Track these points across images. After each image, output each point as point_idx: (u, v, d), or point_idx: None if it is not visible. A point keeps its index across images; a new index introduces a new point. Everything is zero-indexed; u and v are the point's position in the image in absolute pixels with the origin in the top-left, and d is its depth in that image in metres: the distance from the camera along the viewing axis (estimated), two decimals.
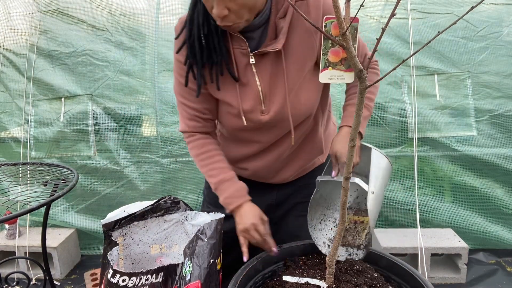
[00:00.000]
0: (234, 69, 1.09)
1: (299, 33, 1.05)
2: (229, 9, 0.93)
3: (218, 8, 0.93)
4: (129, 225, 1.20)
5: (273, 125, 1.15)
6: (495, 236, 2.45)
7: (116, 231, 1.18)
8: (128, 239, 1.21)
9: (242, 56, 1.08)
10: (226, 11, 0.93)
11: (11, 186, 1.50)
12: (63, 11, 2.59)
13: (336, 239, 0.92)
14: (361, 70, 0.67)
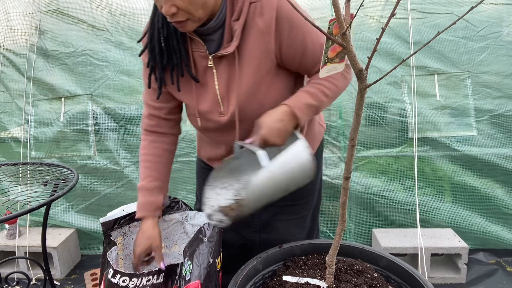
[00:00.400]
0: (193, 71, 1.11)
1: (253, 35, 1.04)
2: (177, 6, 0.94)
3: (166, 6, 0.94)
4: (128, 225, 1.21)
5: (234, 126, 1.15)
6: (495, 236, 2.45)
7: (115, 231, 1.18)
8: (128, 239, 1.21)
9: (201, 58, 1.10)
10: (174, 8, 0.94)
11: (11, 186, 1.50)
12: (63, 11, 2.59)
13: (336, 239, 0.92)
14: (361, 69, 0.67)
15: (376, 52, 0.65)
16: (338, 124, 2.49)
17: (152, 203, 1.18)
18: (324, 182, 2.52)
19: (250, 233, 1.33)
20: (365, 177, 2.52)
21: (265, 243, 1.29)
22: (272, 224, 1.31)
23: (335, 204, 2.55)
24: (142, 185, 1.20)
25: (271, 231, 1.31)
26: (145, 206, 1.17)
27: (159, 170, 1.23)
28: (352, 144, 0.76)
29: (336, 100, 2.47)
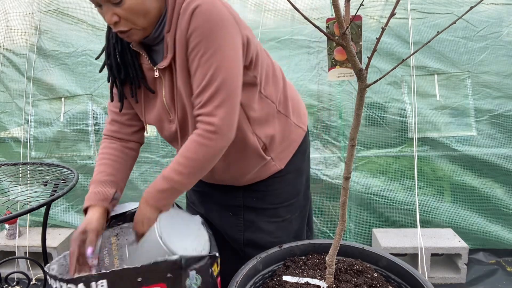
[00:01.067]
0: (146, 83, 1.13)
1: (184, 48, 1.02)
2: (118, 15, 0.96)
3: (108, 15, 0.96)
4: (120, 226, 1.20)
5: (185, 133, 1.16)
6: (495, 236, 2.45)
7: (107, 231, 1.17)
8: (121, 239, 1.21)
9: (149, 70, 1.12)
10: (116, 17, 0.96)
11: (11, 186, 1.51)
12: (63, 11, 2.59)
13: (336, 239, 0.92)
14: (361, 69, 0.67)
15: (376, 52, 0.65)
16: (338, 124, 2.50)
17: (100, 192, 1.13)
18: (324, 182, 2.52)
19: (235, 232, 1.32)
20: (365, 177, 2.52)
21: (249, 243, 1.29)
22: (256, 224, 1.29)
23: (335, 204, 2.55)
24: (93, 179, 1.17)
25: (255, 231, 1.29)
26: (92, 196, 1.13)
27: (114, 167, 1.19)
28: (352, 144, 0.77)
29: (336, 100, 2.48)
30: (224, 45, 0.96)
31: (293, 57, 2.50)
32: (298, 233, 1.37)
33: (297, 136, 1.30)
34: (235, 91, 1.00)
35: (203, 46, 0.96)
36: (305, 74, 2.48)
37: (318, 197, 2.56)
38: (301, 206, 1.37)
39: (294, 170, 1.30)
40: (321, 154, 2.54)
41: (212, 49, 0.95)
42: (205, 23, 0.95)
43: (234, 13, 1.03)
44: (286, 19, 2.51)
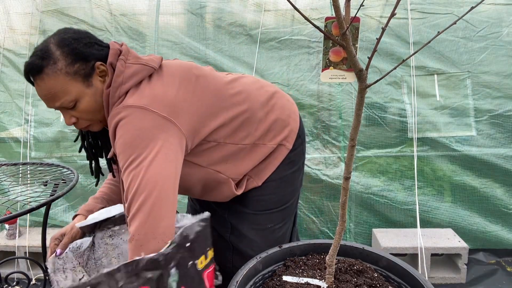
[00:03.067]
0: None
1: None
2: (75, 117, 1.04)
3: (66, 118, 1.05)
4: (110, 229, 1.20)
5: None
6: (495, 236, 2.45)
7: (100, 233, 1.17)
8: (116, 238, 1.21)
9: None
10: (74, 119, 1.05)
11: (11, 186, 1.50)
12: (63, 11, 2.59)
13: (336, 239, 0.92)
14: (361, 69, 0.67)
15: (376, 52, 0.65)
16: (338, 124, 2.50)
17: (89, 204, 1.28)
18: (324, 182, 2.52)
19: (223, 231, 1.31)
20: (365, 177, 2.52)
21: (234, 246, 1.28)
22: (239, 229, 1.28)
23: (335, 204, 2.55)
24: (92, 196, 1.33)
25: (239, 235, 1.28)
26: (82, 206, 1.29)
27: (112, 190, 1.34)
28: (352, 144, 0.77)
29: (336, 100, 2.49)
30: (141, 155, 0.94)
31: (293, 57, 2.50)
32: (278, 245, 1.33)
33: (279, 154, 1.25)
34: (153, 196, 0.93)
35: (122, 158, 0.97)
36: (305, 74, 2.48)
37: (318, 197, 2.56)
38: (286, 217, 1.32)
39: (277, 179, 1.26)
40: (321, 154, 2.54)
41: (128, 161, 0.95)
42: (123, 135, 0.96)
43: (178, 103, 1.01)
44: (286, 19, 2.51)
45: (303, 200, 2.56)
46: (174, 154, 0.99)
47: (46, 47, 1.00)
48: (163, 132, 0.98)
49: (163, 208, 0.93)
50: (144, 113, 0.97)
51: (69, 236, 1.19)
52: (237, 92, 1.17)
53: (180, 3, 2.57)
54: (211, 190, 1.23)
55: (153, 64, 1.05)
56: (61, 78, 0.99)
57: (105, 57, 1.05)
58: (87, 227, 1.18)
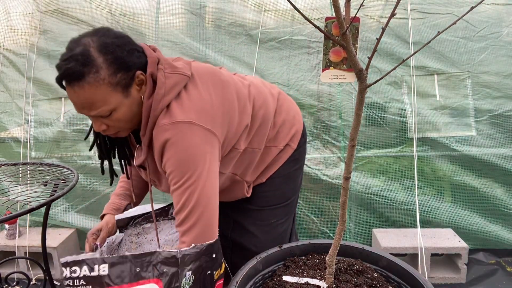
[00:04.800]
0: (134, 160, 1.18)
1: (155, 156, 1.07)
2: (106, 124, 1.01)
3: (96, 124, 1.01)
4: (142, 226, 1.22)
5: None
6: (495, 236, 2.45)
7: (130, 229, 1.19)
8: (141, 237, 1.23)
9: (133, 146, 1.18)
10: (104, 126, 1.02)
11: (11, 186, 1.50)
12: (63, 11, 2.59)
13: (336, 239, 0.92)
14: (361, 69, 0.67)
15: (376, 52, 0.65)
16: (338, 124, 2.50)
17: (115, 203, 1.30)
18: (324, 182, 2.52)
19: (225, 228, 1.33)
20: (365, 177, 2.52)
21: (235, 243, 1.30)
22: (243, 225, 1.30)
23: (335, 204, 2.55)
24: (114, 192, 1.35)
25: (241, 231, 1.30)
26: (108, 206, 1.30)
27: (134, 186, 1.34)
28: (352, 144, 0.77)
29: (336, 100, 2.48)
30: (195, 172, 1.00)
31: (293, 57, 2.50)
32: (280, 240, 1.35)
33: (284, 153, 1.30)
34: (208, 209, 1.03)
35: (176, 175, 1.01)
36: (305, 74, 2.48)
37: (318, 197, 2.56)
38: (289, 213, 1.35)
39: (281, 176, 1.29)
40: (321, 154, 2.54)
41: (184, 177, 1.00)
42: (175, 155, 0.99)
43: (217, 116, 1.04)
44: (286, 19, 2.51)
45: (303, 200, 2.56)
46: (217, 165, 1.05)
47: (87, 51, 0.92)
48: (209, 146, 1.01)
49: (215, 218, 1.05)
50: (192, 129, 0.98)
51: (106, 230, 1.23)
52: (255, 97, 1.20)
53: (180, 3, 2.57)
54: (224, 192, 1.25)
55: (188, 73, 1.06)
56: (103, 88, 0.94)
57: (144, 65, 1.02)
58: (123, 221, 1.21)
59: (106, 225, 1.24)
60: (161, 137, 0.99)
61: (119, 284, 0.87)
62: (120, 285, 0.87)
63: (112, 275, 0.86)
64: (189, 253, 0.93)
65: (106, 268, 0.86)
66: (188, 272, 0.93)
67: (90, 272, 0.85)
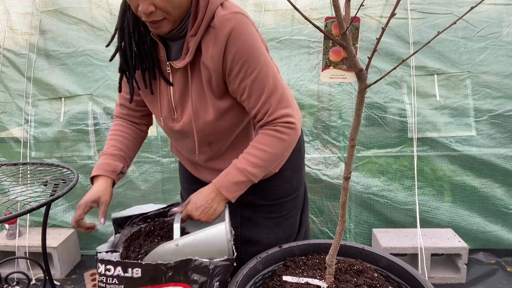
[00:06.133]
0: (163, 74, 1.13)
1: (205, 58, 1.05)
2: (155, 5, 0.96)
3: (144, 4, 0.95)
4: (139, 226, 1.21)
5: (186, 135, 1.19)
6: (495, 236, 2.45)
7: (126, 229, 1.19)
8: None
9: (162, 63, 1.12)
10: (153, 7, 0.95)
11: (11, 186, 1.50)
12: (63, 11, 2.59)
13: (336, 239, 0.92)
14: (361, 69, 0.67)
15: (376, 52, 0.65)
16: (338, 124, 2.50)
17: (110, 164, 1.19)
18: (324, 182, 2.52)
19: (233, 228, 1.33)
20: (365, 177, 2.52)
21: (245, 239, 1.31)
22: (253, 220, 1.31)
23: (335, 204, 2.55)
24: (104, 152, 1.22)
25: (251, 226, 1.31)
26: (102, 166, 1.18)
27: (124, 144, 1.26)
28: (352, 144, 0.77)
29: (336, 100, 2.48)
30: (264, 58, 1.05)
31: (293, 57, 2.50)
32: (291, 231, 1.39)
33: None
34: (285, 89, 1.11)
35: (250, 66, 1.02)
36: (305, 74, 2.48)
37: (318, 197, 2.57)
38: (297, 204, 1.39)
39: (290, 168, 1.31)
40: (321, 154, 2.54)
41: (259, 65, 1.03)
42: (243, 45, 1.01)
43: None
44: (286, 19, 2.51)
45: None
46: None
47: None
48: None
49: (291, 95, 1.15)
50: (249, 21, 1.03)
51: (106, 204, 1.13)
52: None
53: None
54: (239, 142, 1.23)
55: None
56: None
57: None
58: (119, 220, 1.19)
59: (105, 193, 1.13)
60: (226, 27, 0.99)
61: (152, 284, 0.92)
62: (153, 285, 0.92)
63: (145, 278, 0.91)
64: (220, 265, 0.94)
65: (140, 272, 0.90)
66: (216, 283, 0.95)
67: (124, 273, 0.89)
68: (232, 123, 1.17)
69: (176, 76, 1.11)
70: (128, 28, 1.07)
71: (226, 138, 1.20)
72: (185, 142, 1.22)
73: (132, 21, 1.06)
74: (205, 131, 1.15)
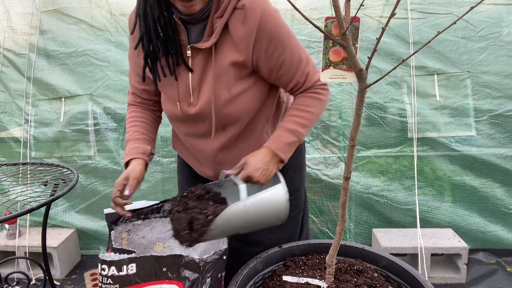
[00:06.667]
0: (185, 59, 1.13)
1: (232, 39, 1.07)
2: None
3: None
4: (133, 222, 1.21)
5: (200, 120, 1.19)
6: (495, 236, 2.45)
7: (120, 226, 1.19)
8: (132, 234, 1.22)
9: (182, 48, 1.12)
10: None
11: (11, 186, 1.51)
12: (63, 11, 2.59)
13: (336, 239, 0.92)
14: (361, 69, 0.67)
15: (376, 52, 0.65)
16: (338, 124, 2.50)
17: (140, 147, 1.21)
18: (324, 182, 2.52)
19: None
20: (365, 177, 2.52)
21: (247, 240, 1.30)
22: None
23: (335, 204, 2.55)
24: (130, 138, 1.25)
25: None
26: (131, 151, 1.20)
27: (146, 128, 1.29)
28: (352, 144, 0.77)
29: (336, 101, 2.48)
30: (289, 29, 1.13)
31: None
32: (293, 231, 1.39)
33: None
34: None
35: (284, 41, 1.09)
36: None
37: (318, 197, 2.56)
38: (299, 204, 1.39)
39: (292, 167, 1.31)
40: (321, 154, 2.54)
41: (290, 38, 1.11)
42: (275, 23, 1.09)
43: None
44: (286, 19, 2.51)
45: None
46: None
47: None
48: None
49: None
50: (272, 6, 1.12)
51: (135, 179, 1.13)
52: None
53: None
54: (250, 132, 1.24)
55: None
56: None
57: None
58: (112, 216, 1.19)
59: (133, 171, 1.14)
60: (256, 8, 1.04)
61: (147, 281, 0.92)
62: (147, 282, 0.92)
63: (140, 273, 0.91)
64: (210, 260, 0.95)
65: (134, 267, 0.90)
66: (208, 279, 0.97)
67: (119, 272, 0.89)
68: (247, 106, 1.17)
69: (196, 60, 1.11)
70: (152, 13, 1.07)
71: (240, 123, 1.20)
72: (200, 127, 1.21)
73: (156, 7, 1.06)
74: (222, 113, 1.15)
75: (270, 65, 1.11)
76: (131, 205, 1.21)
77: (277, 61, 1.11)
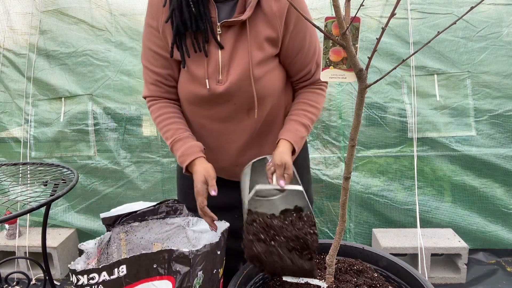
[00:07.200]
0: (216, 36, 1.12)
1: (265, 15, 1.09)
2: None
3: None
4: (130, 224, 1.21)
5: (227, 99, 1.15)
6: (495, 236, 2.45)
7: (117, 227, 1.19)
8: (130, 235, 1.22)
9: (213, 25, 1.11)
10: None
11: (11, 186, 1.50)
12: (63, 11, 2.59)
13: (336, 239, 0.92)
14: (361, 69, 0.67)
15: (376, 52, 0.65)
16: (338, 124, 2.50)
17: (195, 145, 1.16)
18: (324, 182, 2.52)
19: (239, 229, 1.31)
20: (365, 177, 2.52)
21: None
22: None
23: (335, 204, 2.55)
24: (176, 138, 1.17)
25: None
26: (191, 150, 1.14)
27: (184, 124, 1.22)
28: (352, 144, 0.77)
29: (336, 101, 2.48)
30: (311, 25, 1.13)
31: None
32: None
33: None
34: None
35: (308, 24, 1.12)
36: None
37: (318, 197, 2.56)
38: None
39: (301, 166, 1.31)
40: (321, 154, 2.54)
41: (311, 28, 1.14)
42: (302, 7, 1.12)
43: None
44: None
45: None
46: None
47: None
48: None
49: None
50: None
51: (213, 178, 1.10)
52: None
53: None
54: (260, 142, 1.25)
55: None
56: None
57: None
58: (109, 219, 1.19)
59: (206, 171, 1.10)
60: None
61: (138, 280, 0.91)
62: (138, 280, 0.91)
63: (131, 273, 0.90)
64: (200, 252, 0.96)
65: (125, 268, 0.89)
66: (199, 272, 0.96)
67: (110, 276, 0.88)
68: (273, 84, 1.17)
69: (226, 37, 1.11)
70: None
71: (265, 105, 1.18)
72: (222, 109, 1.18)
73: None
74: (249, 92, 1.13)
75: (291, 46, 1.13)
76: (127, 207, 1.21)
77: (298, 45, 1.13)
